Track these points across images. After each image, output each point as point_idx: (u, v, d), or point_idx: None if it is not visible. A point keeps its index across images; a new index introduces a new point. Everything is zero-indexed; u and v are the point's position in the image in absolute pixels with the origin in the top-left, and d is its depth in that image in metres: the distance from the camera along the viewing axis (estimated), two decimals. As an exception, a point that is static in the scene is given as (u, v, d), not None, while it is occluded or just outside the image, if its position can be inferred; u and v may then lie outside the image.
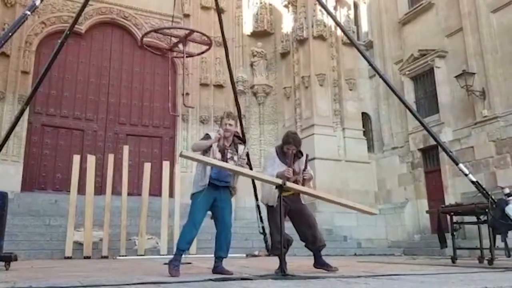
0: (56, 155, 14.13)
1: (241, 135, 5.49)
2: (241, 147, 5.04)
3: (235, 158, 4.88)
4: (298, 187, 4.92)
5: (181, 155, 4.58)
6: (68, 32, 6.65)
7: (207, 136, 4.88)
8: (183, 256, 4.68)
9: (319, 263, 5.13)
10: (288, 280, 3.93)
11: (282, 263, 4.40)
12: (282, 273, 4.24)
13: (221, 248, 4.81)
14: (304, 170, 5.06)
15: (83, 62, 15.17)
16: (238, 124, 5.69)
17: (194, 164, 13.64)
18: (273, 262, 4.93)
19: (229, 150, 4.86)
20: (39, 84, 6.63)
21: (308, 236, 5.10)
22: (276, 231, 4.90)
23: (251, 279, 3.98)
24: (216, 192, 4.76)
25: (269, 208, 5.07)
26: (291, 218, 5.14)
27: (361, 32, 17.34)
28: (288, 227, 4.80)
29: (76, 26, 8.84)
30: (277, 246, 4.80)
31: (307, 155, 5.22)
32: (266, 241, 8.99)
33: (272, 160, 5.16)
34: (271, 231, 5.09)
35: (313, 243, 5.12)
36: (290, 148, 5.06)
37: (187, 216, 4.82)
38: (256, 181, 8.14)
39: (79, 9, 7.18)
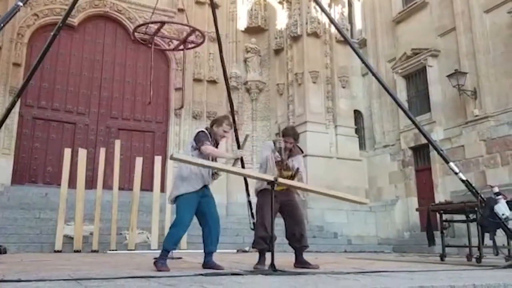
0: (47, 148, 14.02)
1: (235, 137, 5.57)
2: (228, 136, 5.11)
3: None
4: (290, 182, 4.93)
5: (171, 158, 4.52)
6: (60, 25, 6.58)
7: (204, 135, 4.76)
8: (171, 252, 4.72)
9: (301, 262, 5.09)
10: (279, 276, 3.95)
11: (269, 258, 4.38)
12: (272, 268, 4.24)
13: (212, 242, 4.76)
14: (298, 169, 5.06)
15: (76, 55, 15.05)
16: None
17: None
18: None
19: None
20: (31, 76, 6.56)
21: (296, 233, 5.08)
22: (261, 226, 4.92)
23: (242, 274, 4.00)
24: (202, 190, 4.74)
25: (259, 199, 5.07)
26: (281, 212, 5.13)
27: (355, 30, 17.38)
28: (276, 224, 4.81)
29: (69, 18, 8.78)
30: (259, 241, 4.86)
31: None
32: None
33: (269, 149, 5.16)
34: (256, 225, 5.09)
35: (299, 241, 5.10)
36: (288, 141, 5.08)
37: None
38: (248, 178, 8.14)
39: (72, 1, 7.12)
